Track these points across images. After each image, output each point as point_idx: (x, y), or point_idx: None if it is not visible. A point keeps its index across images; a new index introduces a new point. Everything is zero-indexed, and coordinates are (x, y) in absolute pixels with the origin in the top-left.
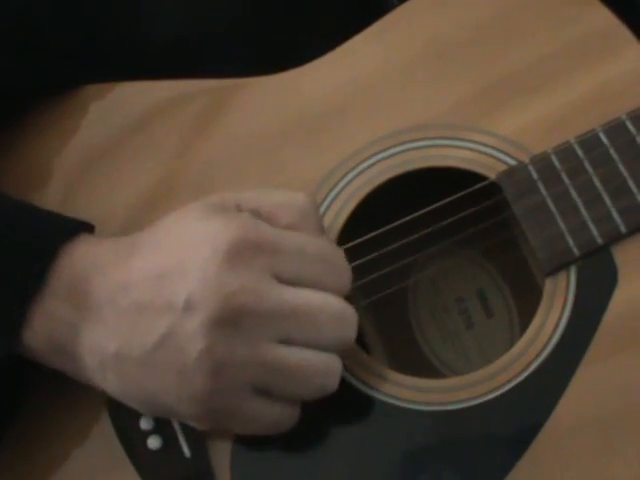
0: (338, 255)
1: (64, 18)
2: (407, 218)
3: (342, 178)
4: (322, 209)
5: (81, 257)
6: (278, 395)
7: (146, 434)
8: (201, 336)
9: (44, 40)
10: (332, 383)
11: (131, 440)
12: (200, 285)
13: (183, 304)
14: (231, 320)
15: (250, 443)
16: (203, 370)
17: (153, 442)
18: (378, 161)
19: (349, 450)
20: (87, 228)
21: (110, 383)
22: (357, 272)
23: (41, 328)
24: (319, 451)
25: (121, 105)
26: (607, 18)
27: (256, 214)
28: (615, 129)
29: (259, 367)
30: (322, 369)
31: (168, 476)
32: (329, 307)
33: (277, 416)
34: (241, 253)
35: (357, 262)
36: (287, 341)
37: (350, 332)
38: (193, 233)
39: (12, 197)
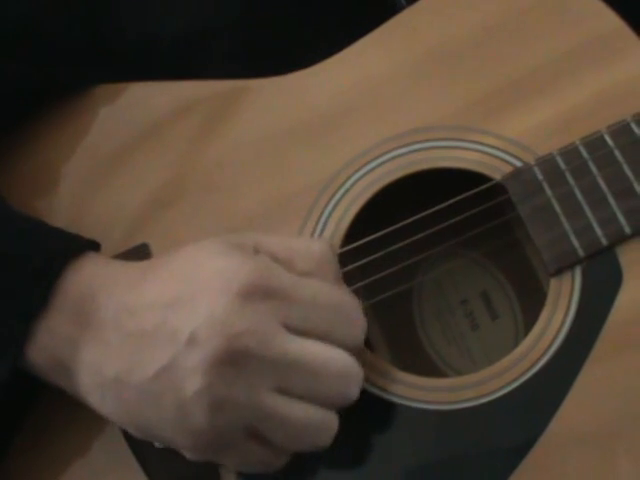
0: (353, 307)
1: (73, 19)
2: (412, 219)
3: (348, 179)
4: (328, 210)
5: (88, 276)
6: (268, 441)
7: None
8: (201, 373)
9: (53, 41)
10: (325, 440)
11: (137, 439)
12: (206, 321)
13: (187, 338)
14: (232, 361)
15: None
16: (200, 407)
17: None
18: (384, 162)
19: (353, 448)
20: (93, 246)
21: (108, 406)
22: (362, 272)
23: (44, 345)
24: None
25: (132, 106)
26: (613, 21)
27: (273, 258)
28: (620, 131)
29: (254, 412)
30: (317, 426)
31: (174, 474)
32: (334, 363)
33: (265, 459)
34: (252, 296)
35: (362, 262)
36: (286, 391)
37: (353, 391)
38: (207, 268)
39: (19, 211)
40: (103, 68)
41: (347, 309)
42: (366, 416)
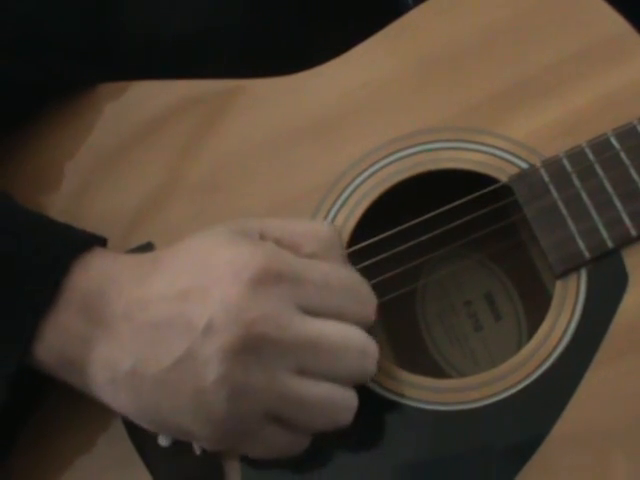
0: (363, 286)
1: (75, 18)
2: (417, 220)
3: (354, 180)
4: (334, 211)
5: (96, 271)
6: (290, 424)
7: None
8: (219, 361)
9: (55, 40)
10: (346, 418)
11: (141, 437)
12: (222, 309)
13: (204, 326)
14: (250, 347)
15: None
16: (220, 395)
17: (163, 439)
18: (390, 163)
19: (357, 448)
20: (100, 241)
21: (122, 401)
22: (367, 273)
23: (53, 342)
24: (328, 448)
25: (134, 105)
26: (619, 24)
27: (279, 243)
28: (626, 134)
29: (274, 396)
30: (337, 404)
31: (178, 473)
32: (350, 340)
33: (287, 443)
34: (264, 281)
35: (367, 263)
36: (305, 372)
37: (370, 367)
38: (218, 257)
39: (25, 207)
40: (105, 67)
41: (358, 288)
42: (370, 416)
